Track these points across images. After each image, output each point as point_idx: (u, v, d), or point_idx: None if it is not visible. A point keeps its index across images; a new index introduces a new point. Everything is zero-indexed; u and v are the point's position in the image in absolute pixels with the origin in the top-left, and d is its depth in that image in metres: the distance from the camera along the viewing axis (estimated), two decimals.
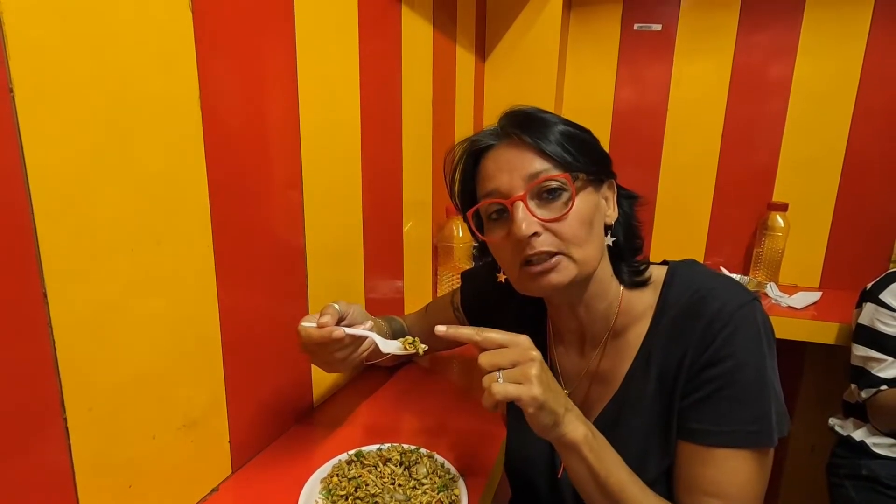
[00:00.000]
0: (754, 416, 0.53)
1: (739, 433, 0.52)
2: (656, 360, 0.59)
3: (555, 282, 0.55)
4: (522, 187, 0.55)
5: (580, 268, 0.56)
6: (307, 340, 0.59)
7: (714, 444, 0.53)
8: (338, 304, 0.61)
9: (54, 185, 0.40)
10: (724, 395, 0.53)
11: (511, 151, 0.57)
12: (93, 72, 0.42)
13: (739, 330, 0.53)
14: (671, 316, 0.58)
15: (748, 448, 0.52)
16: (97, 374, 0.45)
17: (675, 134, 1.54)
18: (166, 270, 0.50)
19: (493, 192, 0.58)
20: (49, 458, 0.42)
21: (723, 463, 0.53)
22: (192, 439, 0.55)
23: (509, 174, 0.56)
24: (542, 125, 0.57)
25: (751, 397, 0.53)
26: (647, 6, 1.50)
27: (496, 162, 0.58)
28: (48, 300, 0.40)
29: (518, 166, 0.56)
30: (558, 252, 0.55)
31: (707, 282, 0.58)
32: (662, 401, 0.58)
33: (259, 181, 0.63)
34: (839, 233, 1.44)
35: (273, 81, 0.64)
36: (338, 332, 0.57)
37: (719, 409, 0.53)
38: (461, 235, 1.16)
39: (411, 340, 0.62)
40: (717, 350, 0.53)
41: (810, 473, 1.44)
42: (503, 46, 1.44)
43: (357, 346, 0.63)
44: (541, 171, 0.55)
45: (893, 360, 1.00)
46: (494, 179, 0.58)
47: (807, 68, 1.40)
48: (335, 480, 0.58)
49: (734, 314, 0.54)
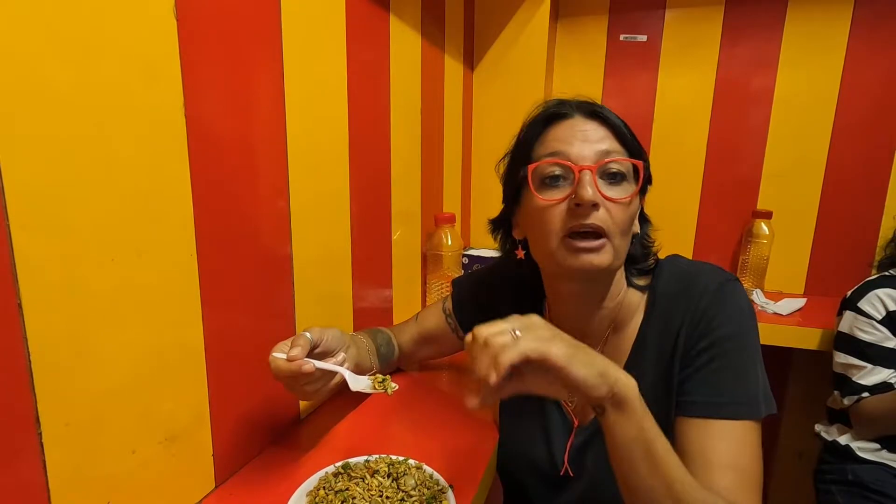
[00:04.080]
0: (746, 387, 0.54)
1: (735, 404, 0.54)
2: (652, 346, 0.61)
3: (596, 262, 0.55)
4: (593, 160, 0.56)
5: (615, 258, 0.57)
6: (276, 372, 0.58)
7: (715, 416, 0.54)
8: (310, 333, 0.60)
9: (30, 192, 0.39)
10: (717, 366, 0.55)
11: (589, 124, 0.59)
12: (73, 78, 0.41)
13: (725, 303, 0.57)
14: (662, 301, 0.61)
15: (746, 419, 0.53)
16: (75, 388, 0.43)
17: (661, 144, 1.56)
18: (148, 281, 0.49)
19: (562, 153, 0.57)
20: (22, 475, 0.40)
21: (729, 434, 0.53)
22: (173, 453, 0.54)
23: (582, 143, 0.57)
24: (615, 116, 0.60)
25: (741, 369, 0.55)
26: (633, 17, 1.52)
27: (571, 129, 0.59)
28: (23, 311, 0.39)
29: (593, 139, 0.57)
30: (605, 235, 0.55)
31: (690, 267, 0.63)
32: (661, 384, 0.59)
33: (245, 191, 0.62)
34: (822, 240, 1.47)
35: (259, 90, 0.63)
36: (307, 367, 0.57)
37: (715, 381, 0.55)
38: (450, 244, 1.16)
39: (381, 379, 0.62)
40: (707, 322, 0.56)
41: (798, 480, 1.45)
42: (491, 56, 1.45)
43: (328, 380, 0.62)
44: (612, 152, 0.57)
45: (873, 366, 1.01)
46: (565, 144, 0.58)
47: (788, 80, 1.43)
48: (322, 493, 0.57)
49: (718, 290, 0.57)
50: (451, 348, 0.91)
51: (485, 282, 0.82)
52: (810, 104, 1.42)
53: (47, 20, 0.39)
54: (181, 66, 0.51)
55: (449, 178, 1.34)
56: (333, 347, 0.64)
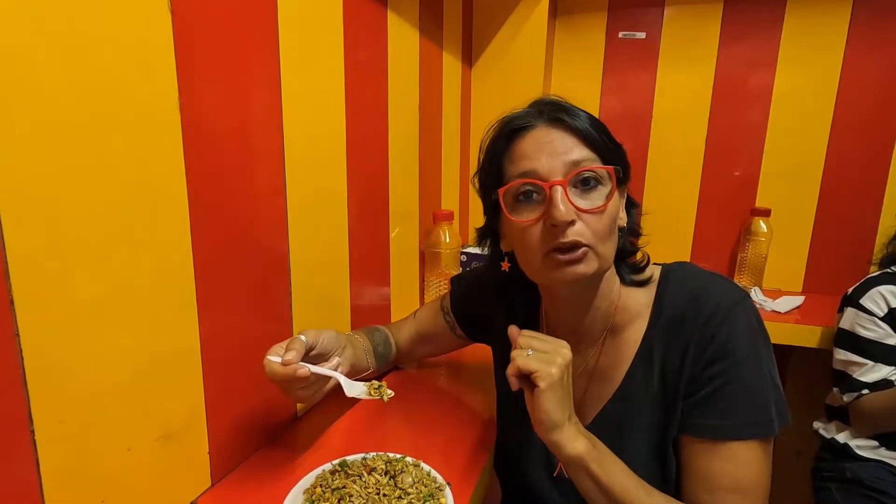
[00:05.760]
0: (756, 407, 0.54)
1: (744, 425, 0.54)
2: (658, 359, 0.59)
3: (581, 272, 0.54)
4: (563, 173, 0.54)
5: (602, 263, 0.56)
6: (271, 376, 0.57)
7: (722, 438, 0.54)
8: (305, 336, 0.59)
9: (22, 186, 0.38)
10: (727, 390, 0.54)
11: (553, 133, 0.55)
12: (66, 71, 0.41)
13: (736, 326, 0.55)
14: (669, 315, 0.59)
15: (754, 439, 0.53)
16: (68, 385, 0.43)
17: (659, 141, 1.55)
18: (143, 277, 0.49)
19: (530, 172, 0.55)
20: (14, 473, 0.40)
21: (735, 456, 0.53)
22: (169, 451, 0.54)
23: (550, 157, 0.54)
24: (580, 113, 0.57)
25: (752, 390, 0.54)
26: (632, 15, 1.52)
27: (536, 143, 0.56)
28: (14, 306, 0.38)
29: (561, 150, 0.54)
30: (587, 244, 0.54)
31: (701, 281, 0.60)
32: (665, 399, 0.59)
33: (241, 187, 0.62)
34: (821, 237, 1.47)
35: (256, 85, 0.63)
36: (302, 371, 0.56)
37: (724, 404, 0.54)
38: (448, 241, 1.16)
39: (377, 386, 0.61)
40: (718, 348, 0.55)
41: (796, 478, 1.45)
42: (490, 53, 1.44)
43: (323, 384, 0.62)
44: (583, 160, 0.54)
45: (874, 363, 1.01)
46: (532, 159, 0.55)
47: (787, 77, 1.43)
48: (318, 491, 0.57)
49: (729, 312, 0.55)
50: (449, 346, 0.90)
51: (483, 280, 0.82)
52: (809, 102, 1.42)
53: (41, 12, 0.38)
54: (176, 60, 0.50)
55: (447, 176, 1.33)
56: (329, 349, 0.64)
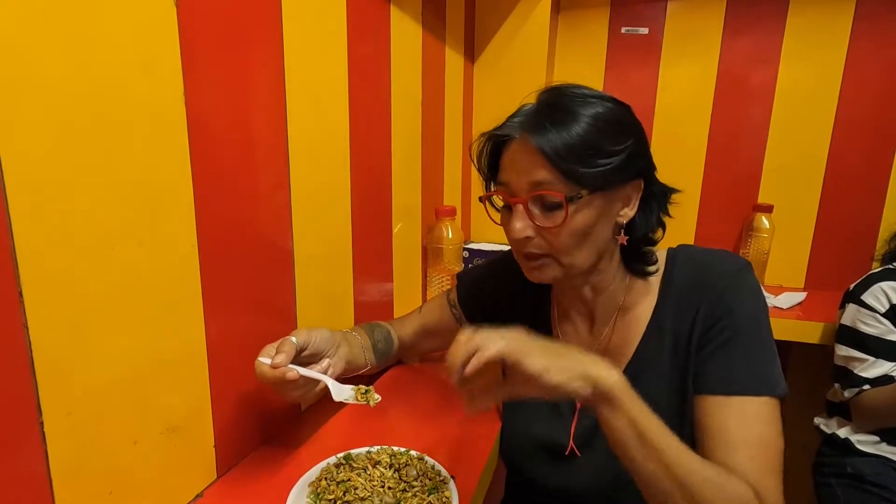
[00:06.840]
0: (762, 361, 0.56)
1: (753, 380, 0.55)
2: (669, 328, 0.62)
3: (542, 278, 0.61)
4: (525, 191, 0.57)
5: (566, 270, 0.60)
6: (261, 378, 0.58)
7: (733, 392, 0.55)
8: (295, 337, 0.60)
9: (31, 181, 0.38)
10: (735, 342, 0.57)
11: (524, 150, 0.56)
12: (73, 67, 0.41)
13: (742, 287, 0.59)
14: (678, 287, 0.63)
15: (764, 395, 0.54)
16: (76, 377, 0.43)
17: (662, 137, 1.55)
18: (149, 271, 0.49)
19: (505, 184, 0.60)
20: (24, 464, 0.40)
21: (746, 411, 0.54)
22: (175, 444, 0.54)
23: (517, 175, 0.58)
24: (570, 121, 0.54)
25: (758, 344, 0.57)
26: (635, 10, 1.51)
27: (511, 158, 0.59)
28: (24, 299, 0.38)
29: (524, 170, 0.57)
30: (547, 254, 0.59)
31: (706, 255, 0.64)
32: (678, 364, 0.61)
33: (246, 182, 0.62)
34: (823, 234, 1.47)
35: (260, 81, 0.63)
36: (291, 374, 0.57)
37: (734, 355, 0.56)
38: (451, 237, 1.16)
39: (364, 391, 0.62)
40: (727, 304, 0.58)
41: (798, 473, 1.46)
42: (492, 49, 1.44)
43: (314, 386, 0.62)
44: (542, 183, 0.55)
45: (875, 359, 1.01)
46: (506, 174, 0.59)
47: (790, 73, 1.42)
48: (323, 484, 0.57)
49: (735, 274, 0.59)
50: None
51: (492, 272, 0.83)
52: (812, 98, 1.41)
53: (46, 8, 0.38)
54: (181, 55, 0.50)
55: (449, 171, 1.33)
56: (322, 349, 0.64)
